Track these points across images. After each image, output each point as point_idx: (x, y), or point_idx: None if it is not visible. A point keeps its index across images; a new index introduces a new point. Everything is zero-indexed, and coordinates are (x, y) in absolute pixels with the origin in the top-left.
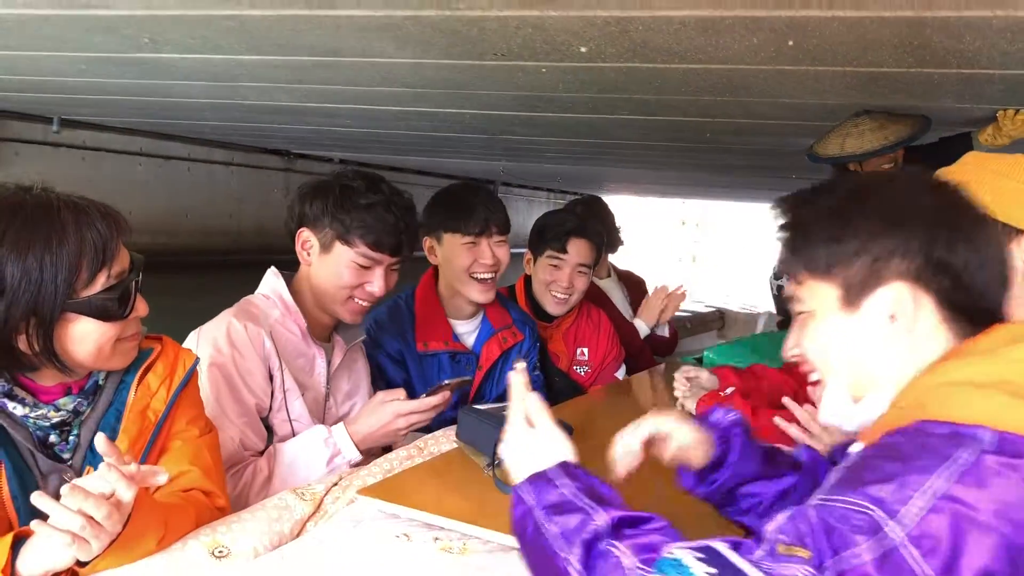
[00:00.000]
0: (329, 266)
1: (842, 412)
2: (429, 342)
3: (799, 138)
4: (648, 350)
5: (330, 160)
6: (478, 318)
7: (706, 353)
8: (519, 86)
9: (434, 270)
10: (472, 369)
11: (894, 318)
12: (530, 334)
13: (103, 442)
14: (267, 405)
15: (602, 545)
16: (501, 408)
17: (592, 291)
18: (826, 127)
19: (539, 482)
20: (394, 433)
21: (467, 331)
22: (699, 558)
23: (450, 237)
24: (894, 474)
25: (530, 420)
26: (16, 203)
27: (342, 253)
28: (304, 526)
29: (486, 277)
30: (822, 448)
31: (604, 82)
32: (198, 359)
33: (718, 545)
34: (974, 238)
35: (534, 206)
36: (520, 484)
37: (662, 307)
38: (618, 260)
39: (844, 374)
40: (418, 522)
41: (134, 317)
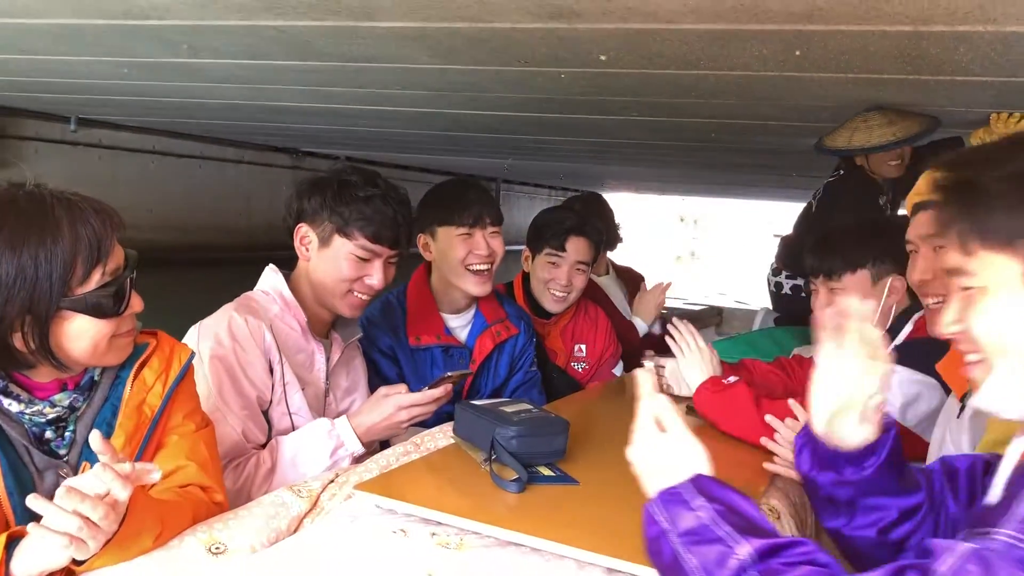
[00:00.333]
0: (328, 260)
1: (1008, 400)
2: (421, 336)
3: (801, 138)
4: (646, 346)
5: (337, 158)
6: (471, 312)
7: None
8: (535, 89)
9: (426, 266)
10: (466, 363)
11: None
12: (525, 329)
13: (98, 440)
14: (268, 398)
15: None
16: (498, 404)
17: (590, 288)
18: (827, 128)
19: (673, 503)
20: (396, 425)
21: (460, 325)
22: None
23: (444, 230)
24: None
25: (660, 424)
26: (9, 200)
27: (341, 246)
28: (301, 522)
29: (482, 268)
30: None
31: (619, 87)
32: (194, 354)
33: None
34: None
35: (535, 203)
36: (652, 502)
37: (655, 303)
38: (617, 257)
39: (1020, 358)
40: (415, 517)
41: (129, 313)
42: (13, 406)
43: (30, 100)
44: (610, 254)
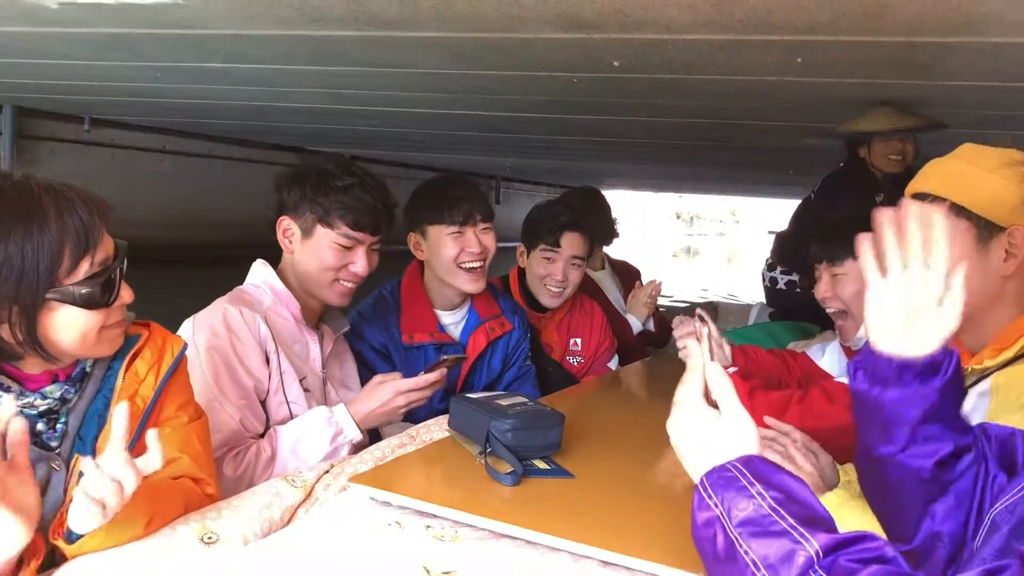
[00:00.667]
0: (312, 250)
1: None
2: (414, 334)
3: (799, 137)
4: (641, 343)
5: (341, 156)
6: (464, 308)
7: None
8: (548, 92)
9: (419, 262)
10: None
11: None
12: (520, 324)
13: (123, 418)
14: (265, 387)
15: None
16: (493, 397)
17: (585, 282)
18: (824, 128)
19: (727, 486)
20: (394, 411)
21: (453, 322)
22: None
23: (435, 229)
24: None
25: (709, 397)
26: None
27: (324, 236)
28: (295, 513)
29: (475, 266)
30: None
31: (628, 90)
32: (186, 345)
33: None
34: None
35: (535, 200)
36: (703, 483)
37: (646, 301)
38: (612, 252)
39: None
40: (410, 510)
41: (119, 305)
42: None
43: (45, 101)
44: (606, 249)
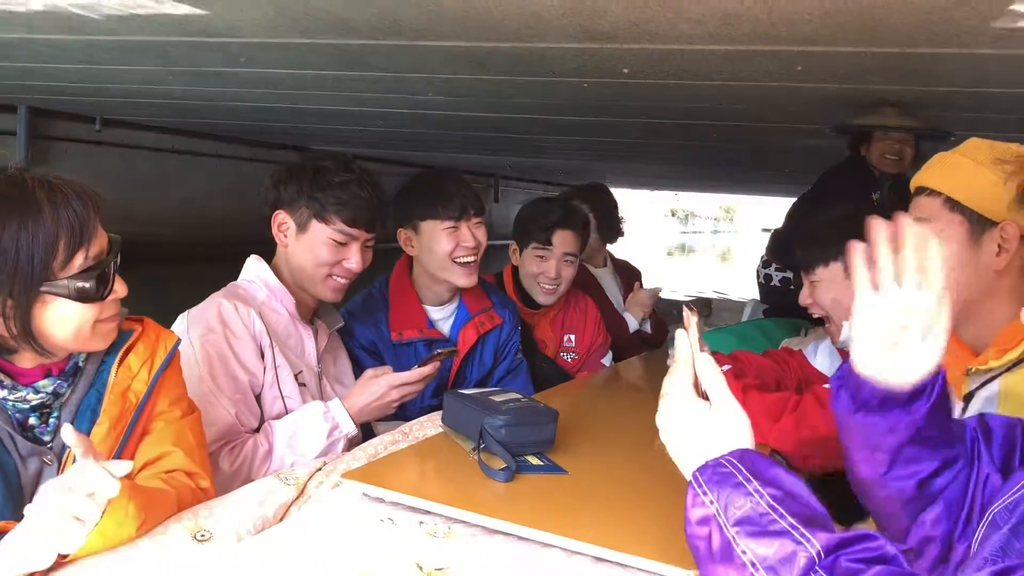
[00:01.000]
0: (306, 245)
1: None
2: (404, 331)
3: (797, 138)
4: (636, 341)
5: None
6: (454, 304)
7: None
8: (557, 96)
9: (407, 258)
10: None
11: None
12: (510, 318)
13: (71, 433)
14: (260, 382)
15: None
16: (487, 393)
17: (584, 278)
18: (822, 129)
19: (722, 483)
20: (388, 405)
21: (442, 317)
22: None
23: (429, 224)
24: None
25: (698, 389)
26: None
27: (319, 231)
28: (288, 510)
29: (469, 260)
30: None
31: (635, 94)
32: (179, 340)
33: None
34: None
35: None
36: (697, 480)
37: (644, 302)
38: (612, 250)
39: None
40: (403, 506)
41: (113, 299)
42: None
43: (61, 103)
44: (609, 247)
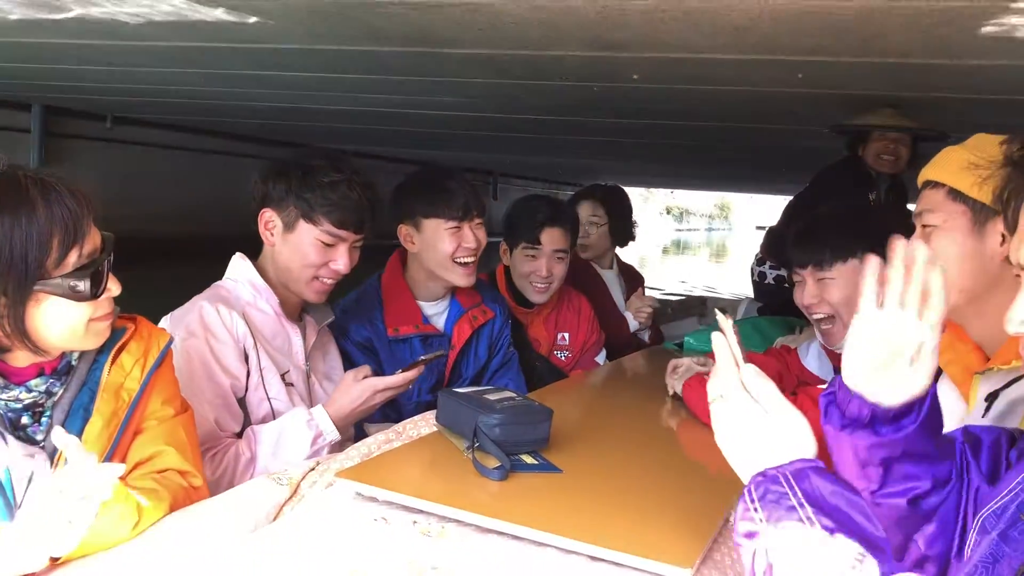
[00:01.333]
0: (293, 245)
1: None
2: (400, 327)
3: (795, 139)
4: (633, 343)
5: (344, 151)
6: (446, 299)
7: (687, 339)
8: (566, 98)
9: (400, 254)
10: (445, 349)
11: None
12: (501, 312)
13: (61, 436)
14: (243, 385)
15: None
16: (481, 391)
17: (584, 273)
18: (821, 131)
19: (778, 505)
20: (372, 408)
21: (436, 312)
22: None
23: (432, 223)
24: None
25: (748, 390)
26: None
27: (306, 232)
28: (281, 510)
29: (469, 261)
30: None
31: (642, 98)
32: (172, 339)
33: None
34: None
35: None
36: (750, 493)
37: (641, 308)
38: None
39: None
40: (396, 505)
41: (107, 297)
42: None
43: (75, 101)
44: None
